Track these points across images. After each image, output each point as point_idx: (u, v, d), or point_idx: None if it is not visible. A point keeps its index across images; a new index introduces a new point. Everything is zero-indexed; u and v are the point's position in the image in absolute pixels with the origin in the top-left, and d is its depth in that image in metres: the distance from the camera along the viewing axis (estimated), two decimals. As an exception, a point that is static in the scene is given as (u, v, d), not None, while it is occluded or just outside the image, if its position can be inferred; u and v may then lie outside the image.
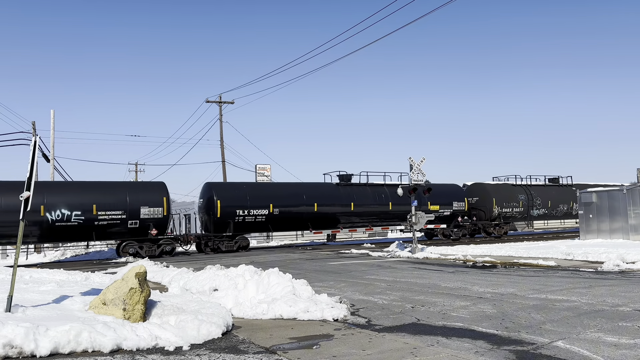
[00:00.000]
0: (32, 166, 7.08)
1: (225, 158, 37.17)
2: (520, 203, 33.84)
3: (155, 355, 5.58)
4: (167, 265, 16.65)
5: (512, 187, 34.36)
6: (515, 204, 33.63)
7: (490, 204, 32.73)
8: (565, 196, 35.59)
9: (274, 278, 8.74)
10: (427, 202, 29.91)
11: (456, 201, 32.39)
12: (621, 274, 12.08)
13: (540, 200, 34.84)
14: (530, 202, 34.28)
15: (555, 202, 35.35)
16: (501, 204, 33.02)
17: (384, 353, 5.51)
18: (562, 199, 35.57)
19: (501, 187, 33.95)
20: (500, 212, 33.01)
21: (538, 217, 35.64)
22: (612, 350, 5.33)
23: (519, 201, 33.83)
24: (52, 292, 8.80)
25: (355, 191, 29.87)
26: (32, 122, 34.02)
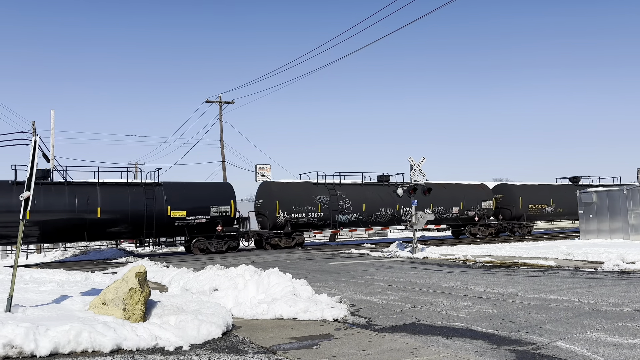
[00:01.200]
0: (32, 166, 7.08)
1: (225, 158, 37.18)
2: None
3: (155, 355, 5.58)
4: (167, 265, 16.64)
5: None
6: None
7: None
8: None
9: (274, 278, 8.74)
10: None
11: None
12: (621, 274, 12.08)
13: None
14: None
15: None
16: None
17: (384, 353, 5.51)
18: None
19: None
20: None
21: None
22: (612, 350, 5.33)
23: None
24: (52, 292, 8.80)
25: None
26: (32, 122, 34.03)
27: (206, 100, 37.58)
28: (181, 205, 24.25)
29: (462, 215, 32.19)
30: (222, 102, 37.78)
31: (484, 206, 32.66)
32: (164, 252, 29.08)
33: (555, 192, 35.32)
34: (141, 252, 29.23)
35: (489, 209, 32.90)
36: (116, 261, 21.99)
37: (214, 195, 25.42)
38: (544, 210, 34.34)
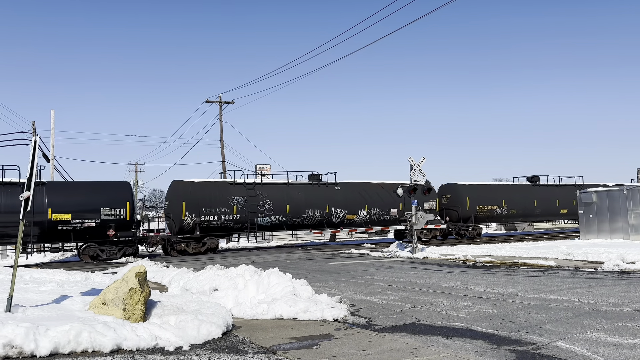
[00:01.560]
0: (32, 166, 7.08)
1: (225, 158, 37.21)
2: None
3: (155, 355, 5.58)
4: (167, 265, 16.64)
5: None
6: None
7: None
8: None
9: (274, 278, 8.74)
10: None
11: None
12: (621, 274, 12.08)
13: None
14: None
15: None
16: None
17: (384, 353, 5.51)
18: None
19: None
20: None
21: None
22: (612, 350, 5.33)
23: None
24: (52, 292, 8.80)
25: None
26: (32, 122, 34.03)
27: (206, 100, 37.61)
28: (65, 207, 22.02)
29: (402, 217, 28.83)
30: (222, 102, 37.79)
31: (426, 207, 30.05)
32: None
33: (509, 193, 33.19)
34: (142, 253, 29.21)
35: (431, 210, 30.53)
36: (116, 261, 21.98)
37: (106, 196, 23.20)
38: (495, 212, 32.38)
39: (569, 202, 34.49)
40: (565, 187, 35.82)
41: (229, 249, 29.84)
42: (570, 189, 34.38)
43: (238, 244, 34.16)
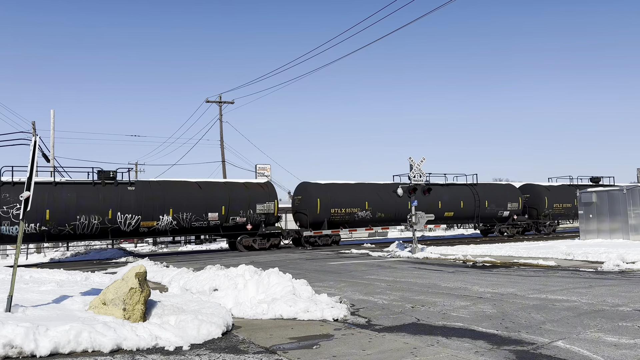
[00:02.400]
0: (32, 166, 7.08)
1: (225, 158, 37.19)
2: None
3: (155, 355, 5.58)
4: (167, 265, 16.64)
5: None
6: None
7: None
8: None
9: (274, 278, 8.73)
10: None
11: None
12: (621, 274, 12.08)
13: None
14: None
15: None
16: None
17: (384, 353, 5.50)
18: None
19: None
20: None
21: None
22: (612, 350, 5.33)
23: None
24: (52, 292, 8.80)
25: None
26: (32, 122, 34.01)
27: (206, 100, 37.60)
28: None
29: (227, 223, 25.51)
30: (222, 102, 37.78)
31: (260, 210, 26.51)
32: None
33: (372, 194, 29.64)
34: (141, 252, 29.24)
35: (267, 214, 26.78)
36: (116, 261, 21.98)
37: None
38: (357, 216, 29.17)
39: (456, 203, 31.83)
40: (457, 186, 32.81)
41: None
42: (462, 188, 32.42)
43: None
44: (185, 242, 31.23)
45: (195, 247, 32.29)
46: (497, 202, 33.14)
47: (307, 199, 28.29)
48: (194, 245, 31.57)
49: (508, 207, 33.41)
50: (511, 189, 34.36)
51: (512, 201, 33.62)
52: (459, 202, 31.94)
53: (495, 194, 33.33)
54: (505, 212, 33.43)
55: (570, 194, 34.33)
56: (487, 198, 32.70)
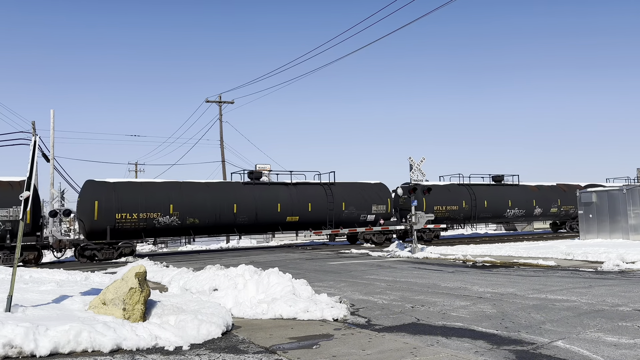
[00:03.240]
0: (32, 166, 7.08)
1: (225, 158, 37.22)
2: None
3: (155, 355, 5.58)
4: (167, 265, 16.64)
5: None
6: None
7: None
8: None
9: (273, 278, 8.74)
10: None
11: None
12: (621, 273, 12.08)
13: None
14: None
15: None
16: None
17: (383, 353, 5.51)
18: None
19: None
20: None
21: None
22: (612, 350, 5.33)
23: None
24: (52, 292, 8.80)
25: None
26: (32, 122, 34.01)
27: (206, 100, 37.61)
28: None
29: None
30: (222, 102, 37.79)
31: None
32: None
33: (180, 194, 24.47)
34: (141, 252, 29.22)
35: None
36: (116, 261, 21.98)
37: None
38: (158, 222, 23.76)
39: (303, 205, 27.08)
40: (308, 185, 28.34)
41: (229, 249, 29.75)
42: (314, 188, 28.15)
43: (238, 243, 34.18)
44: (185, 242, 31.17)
45: (195, 247, 32.38)
46: (359, 204, 28.36)
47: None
48: (194, 245, 31.62)
49: (373, 210, 28.65)
50: (379, 189, 29.58)
51: (379, 203, 28.96)
52: (306, 205, 26.96)
53: (357, 194, 28.56)
54: (370, 215, 28.62)
55: (459, 194, 31.18)
56: (345, 199, 27.90)
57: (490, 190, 33.15)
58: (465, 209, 31.59)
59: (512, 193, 33.58)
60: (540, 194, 34.45)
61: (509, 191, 33.61)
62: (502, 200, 32.88)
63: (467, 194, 31.86)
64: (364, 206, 28.61)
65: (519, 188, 34.22)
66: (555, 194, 34.84)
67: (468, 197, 31.80)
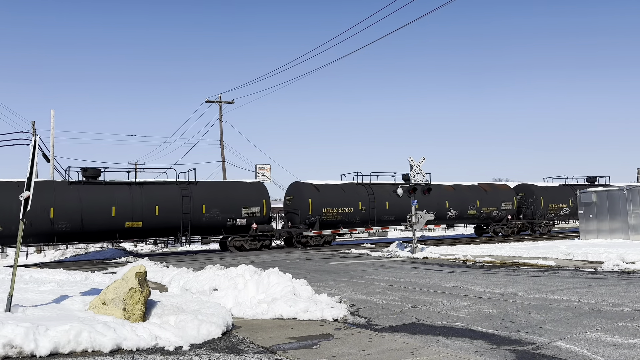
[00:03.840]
0: (32, 166, 7.08)
1: (225, 158, 37.18)
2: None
3: (155, 355, 5.58)
4: (167, 265, 16.64)
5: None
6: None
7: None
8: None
9: (273, 278, 8.73)
10: None
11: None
12: (621, 274, 12.08)
13: None
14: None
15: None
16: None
17: (383, 353, 5.50)
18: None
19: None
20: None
21: None
22: (612, 350, 5.33)
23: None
24: (52, 292, 8.80)
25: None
26: (32, 122, 34.00)
27: (206, 100, 37.59)
28: None
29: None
30: (222, 102, 37.77)
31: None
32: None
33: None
34: (141, 252, 29.23)
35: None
36: (116, 261, 21.97)
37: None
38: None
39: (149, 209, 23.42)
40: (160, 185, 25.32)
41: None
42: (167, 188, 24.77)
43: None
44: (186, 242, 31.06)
45: (196, 247, 32.40)
46: (226, 206, 24.76)
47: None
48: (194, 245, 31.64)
49: (244, 213, 25.18)
50: (256, 189, 26.17)
51: (252, 205, 25.50)
52: (152, 208, 23.18)
53: (224, 195, 25.08)
54: (240, 219, 25.09)
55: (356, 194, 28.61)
56: (207, 201, 24.44)
57: None
58: (362, 211, 28.41)
59: None
60: (455, 195, 31.38)
61: None
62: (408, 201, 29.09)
63: (365, 194, 28.72)
64: (231, 209, 24.89)
65: None
66: (474, 195, 31.84)
67: (366, 198, 28.66)
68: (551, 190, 34.57)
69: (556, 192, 34.49)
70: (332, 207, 27.56)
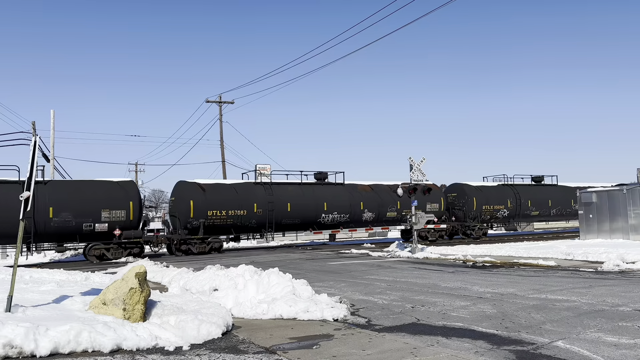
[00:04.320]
0: (32, 166, 7.07)
1: (225, 158, 37.18)
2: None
3: (155, 355, 5.58)
4: (167, 265, 16.64)
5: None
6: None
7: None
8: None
9: (274, 278, 8.73)
10: None
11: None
12: (621, 274, 12.08)
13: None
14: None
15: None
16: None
17: (384, 353, 5.50)
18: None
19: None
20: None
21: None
22: (612, 350, 5.33)
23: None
24: (52, 292, 8.80)
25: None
26: (32, 122, 33.99)
27: (206, 100, 37.59)
28: None
29: None
30: (222, 102, 37.78)
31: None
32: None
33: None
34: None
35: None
36: (116, 261, 21.97)
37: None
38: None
39: None
40: None
41: (229, 249, 29.55)
42: None
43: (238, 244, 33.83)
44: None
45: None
46: (81, 210, 21.63)
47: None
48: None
49: (104, 217, 22.02)
50: (122, 189, 22.89)
51: (116, 207, 22.25)
52: None
53: (80, 197, 21.84)
54: (100, 224, 21.97)
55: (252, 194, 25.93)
56: (57, 204, 21.17)
57: (300, 191, 26.93)
58: (257, 213, 25.41)
59: (332, 194, 27.46)
60: (372, 196, 28.61)
61: (327, 192, 27.54)
62: (316, 203, 26.79)
63: (264, 196, 25.83)
64: (88, 213, 21.68)
65: (344, 188, 28.15)
66: (394, 196, 28.16)
67: (264, 199, 25.69)
68: (486, 190, 31.72)
69: (492, 193, 31.70)
70: (221, 210, 24.68)
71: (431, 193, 27.21)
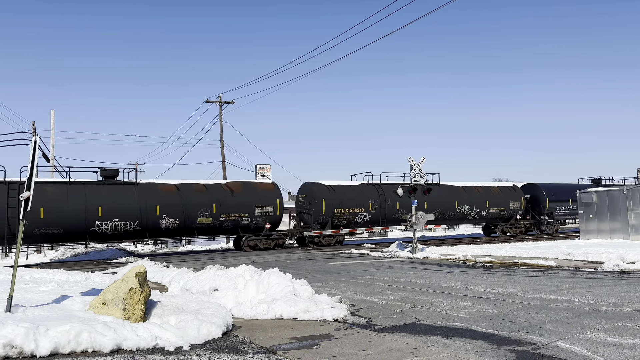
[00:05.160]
0: (32, 166, 7.07)
1: (225, 158, 37.18)
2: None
3: (155, 355, 5.58)
4: (167, 265, 16.63)
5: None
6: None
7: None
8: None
9: (274, 278, 8.73)
10: None
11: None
12: (621, 274, 12.08)
13: None
14: None
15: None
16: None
17: (384, 353, 5.50)
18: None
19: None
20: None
21: None
22: (612, 350, 5.33)
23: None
24: (52, 292, 8.80)
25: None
26: (32, 122, 34.02)
27: (206, 100, 37.58)
28: None
29: None
30: (222, 102, 37.77)
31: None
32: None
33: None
34: (141, 252, 29.22)
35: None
36: (116, 261, 21.97)
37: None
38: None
39: None
40: None
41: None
42: None
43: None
44: (185, 242, 30.95)
45: (196, 247, 32.39)
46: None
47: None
48: (194, 245, 31.46)
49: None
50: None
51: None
52: None
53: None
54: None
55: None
56: None
57: None
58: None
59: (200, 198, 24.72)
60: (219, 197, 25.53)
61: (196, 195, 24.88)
62: None
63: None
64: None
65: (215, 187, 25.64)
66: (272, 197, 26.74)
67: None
68: (341, 190, 28.30)
69: (352, 193, 28.45)
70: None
71: None
